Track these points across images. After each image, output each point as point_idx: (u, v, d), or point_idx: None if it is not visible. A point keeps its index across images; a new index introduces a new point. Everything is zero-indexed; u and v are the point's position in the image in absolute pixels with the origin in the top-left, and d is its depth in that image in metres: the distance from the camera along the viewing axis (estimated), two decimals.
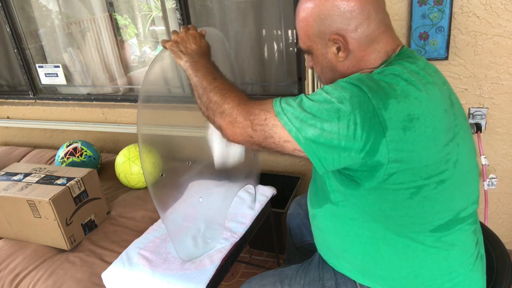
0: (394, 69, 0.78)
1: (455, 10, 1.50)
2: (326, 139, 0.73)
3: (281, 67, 2.00)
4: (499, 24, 1.47)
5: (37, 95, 2.59)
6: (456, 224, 0.83)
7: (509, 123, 1.61)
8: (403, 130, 0.72)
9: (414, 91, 0.74)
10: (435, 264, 0.83)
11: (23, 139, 2.74)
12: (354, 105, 0.71)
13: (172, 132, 2.15)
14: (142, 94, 1.05)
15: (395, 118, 0.71)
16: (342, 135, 0.72)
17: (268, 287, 1.03)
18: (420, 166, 0.75)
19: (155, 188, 1.08)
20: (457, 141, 0.80)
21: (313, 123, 0.73)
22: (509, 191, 1.75)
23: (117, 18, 2.30)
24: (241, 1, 1.93)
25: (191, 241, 1.35)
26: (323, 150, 0.74)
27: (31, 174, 1.54)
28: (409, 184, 0.76)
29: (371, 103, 0.71)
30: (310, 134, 0.74)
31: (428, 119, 0.74)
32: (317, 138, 0.73)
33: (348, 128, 0.71)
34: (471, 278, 0.87)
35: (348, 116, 0.71)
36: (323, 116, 0.73)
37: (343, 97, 0.73)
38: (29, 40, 2.47)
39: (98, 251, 1.43)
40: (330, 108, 0.73)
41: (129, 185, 1.83)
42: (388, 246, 0.84)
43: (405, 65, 0.79)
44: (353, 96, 0.72)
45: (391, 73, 0.77)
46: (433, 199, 0.79)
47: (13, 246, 1.50)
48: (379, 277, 0.88)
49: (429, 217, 0.80)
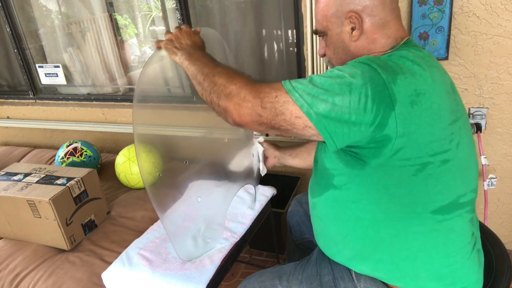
0: (401, 52, 0.83)
1: (455, 10, 1.50)
2: (337, 113, 0.75)
3: (281, 67, 2.00)
4: (499, 24, 1.47)
5: (37, 95, 2.59)
6: (455, 209, 0.85)
7: (509, 123, 1.61)
8: (411, 104, 0.75)
9: (419, 69, 0.79)
10: (433, 248, 0.85)
11: (23, 139, 2.74)
12: (365, 78, 0.74)
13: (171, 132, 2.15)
14: (137, 94, 1.05)
15: (403, 92, 0.75)
16: (353, 108, 0.74)
17: (267, 283, 1.04)
18: (426, 142, 0.78)
19: (152, 188, 1.09)
20: (459, 125, 0.84)
21: (324, 98, 0.75)
22: (509, 191, 1.75)
23: (117, 18, 2.30)
24: (241, 1, 1.93)
25: (191, 241, 1.35)
26: (333, 125, 0.76)
27: (31, 174, 1.54)
28: (415, 161, 0.79)
29: (381, 77, 0.75)
30: (321, 109, 0.75)
31: (434, 96, 0.78)
32: (329, 113, 0.75)
33: (359, 101, 0.74)
34: (468, 267, 0.89)
35: (360, 89, 0.74)
36: (334, 89, 0.75)
37: (355, 73, 0.76)
38: (29, 40, 2.47)
39: (98, 251, 1.43)
40: (342, 82, 0.75)
41: (129, 185, 1.83)
42: (389, 228, 0.86)
43: (411, 50, 0.84)
44: (364, 71, 0.76)
45: (397, 55, 0.82)
46: (437, 178, 0.81)
47: (13, 246, 1.50)
48: (378, 261, 0.90)
49: (431, 195, 0.82)
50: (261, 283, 1.04)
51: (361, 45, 0.89)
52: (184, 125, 2.12)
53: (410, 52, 0.83)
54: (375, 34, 0.87)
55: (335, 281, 0.96)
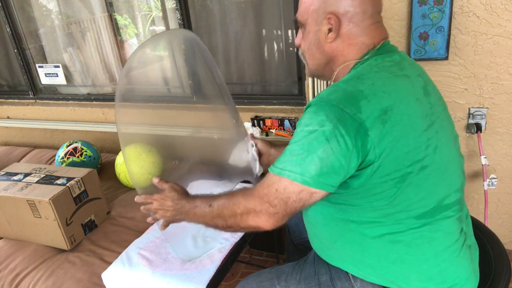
0: (362, 69, 0.85)
1: (455, 10, 1.50)
2: (328, 165, 0.77)
3: (281, 67, 2.00)
4: (499, 24, 1.47)
5: (37, 95, 2.59)
6: (440, 212, 0.86)
7: (509, 123, 1.61)
8: (382, 123, 0.77)
9: (380, 86, 0.80)
10: (420, 250, 0.86)
11: (23, 139, 2.74)
12: (333, 120, 0.76)
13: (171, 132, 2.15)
14: (118, 92, 1.09)
15: (371, 115, 0.76)
16: (338, 152, 0.76)
17: (265, 283, 1.04)
18: (402, 154, 0.79)
19: (144, 191, 1.14)
20: (436, 128, 0.84)
21: (309, 159, 0.77)
22: (509, 191, 1.75)
23: (117, 18, 2.30)
24: (241, 1, 1.93)
25: (191, 241, 1.35)
26: (331, 177, 0.78)
27: (31, 174, 1.54)
28: (395, 174, 0.80)
29: (345, 112, 0.76)
30: (313, 171, 0.77)
31: (402, 108, 0.79)
32: (321, 170, 0.77)
33: (339, 143, 0.76)
34: (458, 264, 0.89)
35: (333, 132, 0.76)
36: (313, 145, 0.77)
37: (321, 120, 0.77)
38: (29, 40, 2.47)
39: (98, 251, 1.43)
40: (317, 135, 0.77)
41: (129, 185, 1.83)
42: (374, 233, 0.87)
43: (378, 60, 0.85)
44: (329, 114, 0.77)
45: (355, 77, 0.83)
46: (417, 186, 0.82)
47: (13, 246, 1.50)
48: (368, 266, 0.90)
49: (414, 204, 0.83)
50: (259, 283, 1.05)
51: (336, 47, 0.89)
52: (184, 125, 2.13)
53: (376, 63, 0.84)
54: (351, 40, 0.88)
55: (332, 281, 0.97)
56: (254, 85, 2.08)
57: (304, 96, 1.89)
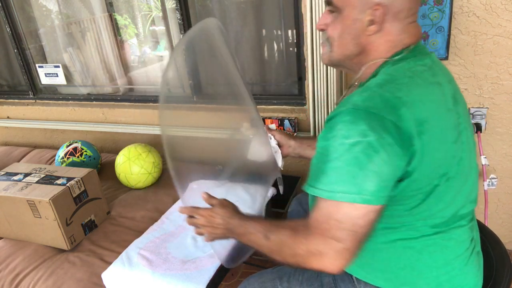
0: (395, 72, 0.79)
1: (455, 10, 1.50)
2: (384, 180, 0.71)
3: (281, 67, 2.00)
4: (499, 24, 1.47)
5: (37, 95, 2.59)
6: (455, 221, 0.84)
7: (509, 123, 1.61)
8: (419, 135, 0.72)
9: (416, 95, 0.75)
10: (431, 257, 0.84)
11: (23, 139, 2.74)
12: (376, 129, 0.69)
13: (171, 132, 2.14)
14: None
15: (411, 126, 0.72)
16: (390, 163, 0.71)
17: (268, 284, 1.03)
18: (435, 167, 0.76)
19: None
20: (462, 139, 0.82)
21: (362, 174, 0.70)
22: (509, 191, 1.75)
23: (117, 18, 2.30)
24: (241, 1, 1.93)
25: (191, 241, 1.35)
26: (388, 189, 0.73)
27: (31, 174, 1.54)
28: (425, 188, 0.77)
29: (388, 120, 0.70)
30: (371, 187, 0.70)
31: (435, 120, 0.75)
32: (378, 185, 0.71)
33: (388, 153, 0.70)
34: (467, 272, 0.88)
35: (380, 142, 0.69)
36: (362, 159, 0.69)
37: (363, 130, 0.70)
38: (29, 40, 2.47)
39: (98, 251, 1.43)
40: (363, 148, 0.69)
41: (129, 185, 1.83)
42: (386, 238, 0.85)
43: (410, 64, 0.80)
44: (370, 122, 0.70)
45: (389, 81, 0.77)
46: (439, 197, 0.80)
47: (13, 246, 1.50)
48: (376, 270, 0.89)
49: (433, 214, 0.81)
50: (261, 284, 1.04)
51: (372, 41, 0.83)
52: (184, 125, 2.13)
53: (408, 67, 0.79)
54: (390, 36, 0.82)
55: (335, 283, 0.96)
56: (254, 85, 2.08)
57: (304, 96, 1.89)
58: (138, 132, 2.25)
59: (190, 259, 1.26)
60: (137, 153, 1.80)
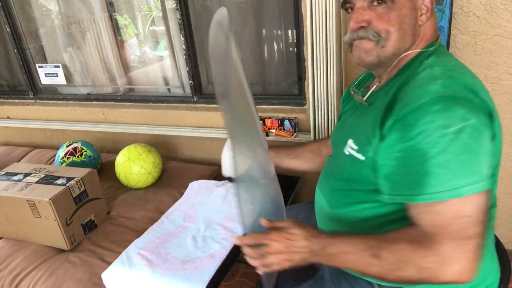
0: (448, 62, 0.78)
1: (455, 10, 1.50)
2: (493, 159, 0.70)
3: (281, 67, 2.00)
4: (499, 24, 1.47)
5: (37, 95, 2.59)
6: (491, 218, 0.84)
7: (509, 123, 1.61)
8: (493, 120, 0.72)
9: (480, 84, 0.75)
10: None
11: (23, 139, 2.74)
12: (474, 111, 0.67)
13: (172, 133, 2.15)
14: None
15: (491, 108, 0.71)
16: (490, 143, 0.69)
17: None
18: (499, 158, 0.76)
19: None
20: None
21: (476, 160, 0.66)
22: (509, 191, 1.75)
23: (117, 18, 2.30)
24: (241, 1, 1.93)
25: (191, 241, 1.35)
26: (496, 169, 0.74)
27: (31, 174, 1.54)
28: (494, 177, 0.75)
29: (476, 103, 0.69)
30: (485, 170, 0.67)
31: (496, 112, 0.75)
32: (490, 165, 0.69)
33: (487, 133, 0.68)
34: (492, 265, 0.88)
35: (482, 123, 0.67)
36: (471, 144, 0.66)
37: (463, 114, 0.66)
38: (29, 40, 2.47)
39: (98, 251, 1.43)
40: (469, 133, 0.65)
41: (129, 185, 1.83)
42: None
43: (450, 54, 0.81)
44: (465, 105, 0.67)
45: (449, 69, 0.75)
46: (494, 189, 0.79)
47: (13, 246, 1.50)
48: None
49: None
50: None
51: (424, 31, 0.81)
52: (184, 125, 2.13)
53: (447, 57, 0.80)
54: (433, 26, 0.81)
55: (351, 285, 0.91)
56: (254, 85, 2.08)
57: (304, 96, 1.89)
58: (138, 132, 2.26)
59: (190, 259, 1.26)
60: (137, 153, 1.80)
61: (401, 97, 0.75)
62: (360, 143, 0.84)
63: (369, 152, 0.80)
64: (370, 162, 0.80)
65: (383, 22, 0.78)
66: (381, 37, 0.80)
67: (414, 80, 0.76)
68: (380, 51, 0.81)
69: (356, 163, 0.84)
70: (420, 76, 0.76)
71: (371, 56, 0.82)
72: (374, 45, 0.81)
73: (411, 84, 0.76)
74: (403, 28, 0.79)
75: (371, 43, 0.81)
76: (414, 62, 0.81)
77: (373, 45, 0.81)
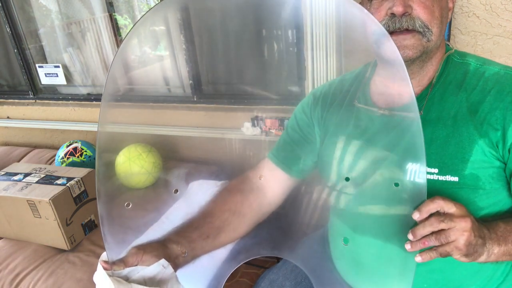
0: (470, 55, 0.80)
1: (455, 10, 1.50)
2: None
3: (281, 67, 2.00)
4: (499, 24, 1.47)
5: (37, 95, 2.58)
6: None
7: None
8: None
9: None
10: None
11: (23, 139, 2.74)
12: None
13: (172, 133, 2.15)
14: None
15: None
16: None
17: None
18: None
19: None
20: None
21: None
22: None
23: (117, 18, 2.30)
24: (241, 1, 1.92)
25: None
26: None
27: (31, 174, 1.54)
28: None
29: None
30: None
31: None
32: None
33: None
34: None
35: None
36: None
37: None
38: (29, 40, 2.46)
39: (98, 251, 1.43)
40: None
41: (129, 185, 1.83)
42: None
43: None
44: None
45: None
46: None
47: (13, 246, 1.50)
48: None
49: None
50: None
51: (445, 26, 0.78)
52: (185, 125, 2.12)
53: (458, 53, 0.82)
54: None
55: None
56: (254, 85, 2.08)
57: (304, 96, 1.89)
58: (138, 132, 2.25)
59: None
60: (137, 153, 1.80)
61: (484, 95, 0.71)
62: (445, 163, 0.71)
63: (466, 170, 0.70)
64: (470, 179, 0.70)
65: (428, 12, 0.68)
66: (429, 29, 0.69)
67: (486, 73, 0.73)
68: (427, 45, 0.71)
69: (443, 189, 0.70)
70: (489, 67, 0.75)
71: (415, 50, 0.71)
72: (421, 38, 0.70)
73: (491, 78, 0.72)
74: (444, 22, 0.71)
75: (417, 36, 0.70)
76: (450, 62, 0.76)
77: (419, 38, 0.70)
